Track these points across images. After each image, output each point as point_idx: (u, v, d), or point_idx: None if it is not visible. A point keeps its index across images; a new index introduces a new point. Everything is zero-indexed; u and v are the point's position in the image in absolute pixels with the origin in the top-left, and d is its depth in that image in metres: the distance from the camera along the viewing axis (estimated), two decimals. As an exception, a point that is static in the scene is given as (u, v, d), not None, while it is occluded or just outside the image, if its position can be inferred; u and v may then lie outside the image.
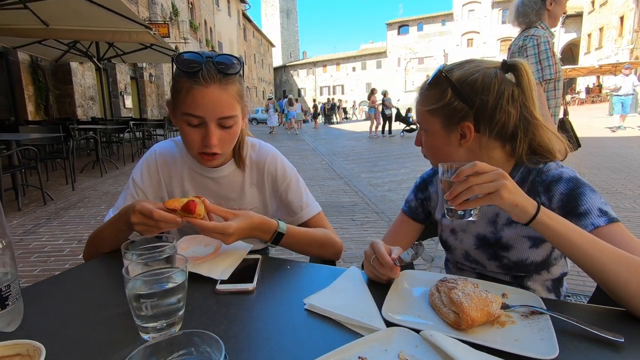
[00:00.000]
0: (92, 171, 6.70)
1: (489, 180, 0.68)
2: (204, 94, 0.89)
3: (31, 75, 9.67)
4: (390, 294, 0.70)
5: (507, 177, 0.68)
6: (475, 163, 0.69)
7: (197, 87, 0.89)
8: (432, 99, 0.89)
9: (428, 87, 0.91)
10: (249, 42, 42.36)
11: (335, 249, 1.07)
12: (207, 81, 0.89)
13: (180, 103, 0.92)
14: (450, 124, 0.87)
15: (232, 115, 0.93)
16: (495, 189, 0.67)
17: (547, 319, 0.60)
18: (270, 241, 0.93)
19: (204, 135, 0.92)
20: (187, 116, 0.91)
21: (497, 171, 0.69)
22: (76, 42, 7.95)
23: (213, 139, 0.92)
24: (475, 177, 0.68)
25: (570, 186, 0.80)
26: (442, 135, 0.89)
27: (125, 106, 13.90)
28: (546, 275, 0.92)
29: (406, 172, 6.50)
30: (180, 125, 0.94)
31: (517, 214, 0.70)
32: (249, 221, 0.87)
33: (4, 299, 0.58)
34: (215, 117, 0.91)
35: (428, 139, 0.93)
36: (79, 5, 5.21)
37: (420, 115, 0.92)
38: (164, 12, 16.92)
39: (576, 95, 27.58)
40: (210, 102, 0.90)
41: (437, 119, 0.88)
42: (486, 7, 39.60)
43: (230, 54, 0.97)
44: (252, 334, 0.60)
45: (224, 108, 0.91)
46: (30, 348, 0.43)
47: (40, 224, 3.79)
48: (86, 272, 0.87)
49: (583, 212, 0.77)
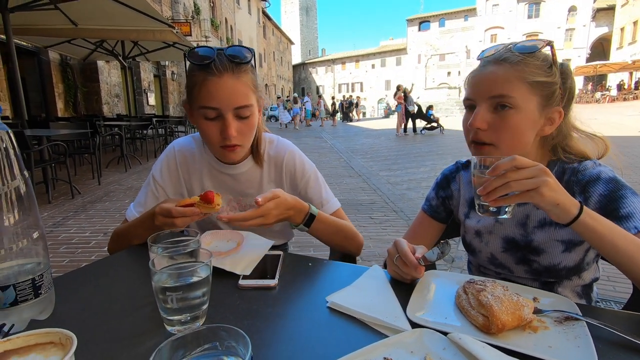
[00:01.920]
0: (117, 166, 6.92)
1: (528, 176, 0.63)
2: (218, 84, 0.90)
3: (61, 74, 10.07)
4: (415, 294, 0.68)
5: (549, 174, 0.63)
6: (515, 157, 0.63)
7: (210, 78, 0.90)
8: (538, 71, 0.77)
9: (531, 56, 0.78)
10: (268, 39, 42.62)
11: (358, 243, 1.07)
12: (220, 71, 0.89)
13: (195, 98, 0.93)
14: (546, 106, 0.79)
15: (248, 105, 0.93)
16: (535, 186, 0.62)
17: (584, 325, 0.57)
18: (302, 223, 0.93)
19: (222, 128, 0.93)
20: (204, 109, 0.92)
21: (538, 167, 0.63)
22: (103, 41, 8.22)
23: (231, 130, 0.92)
24: (513, 172, 0.63)
25: (610, 187, 0.76)
26: (534, 116, 0.78)
27: (148, 103, 14.28)
28: (577, 280, 0.88)
29: (426, 171, 6.40)
30: (198, 121, 0.95)
31: (558, 214, 0.65)
32: (284, 201, 0.87)
33: (37, 288, 0.60)
34: (231, 106, 0.91)
35: (513, 117, 0.77)
36: (106, 4, 5.38)
37: (513, 86, 0.76)
38: (186, 11, 17.23)
39: (606, 93, 26.41)
40: (225, 92, 0.90)
41: (535, 96, 0.78)
42: (511, 2, 38.35)
43: (241, 45, 0.97)
44: (276, 331, 0.60)
45: (239, 97, 0.92)
46: (63, 337, 0.44)
47: (68, 217, 3.94)
48: (113, 264, 0.89)
49: (625, 215, 0.72)
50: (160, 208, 0.83)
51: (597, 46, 34.89)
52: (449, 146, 9.88)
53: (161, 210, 0.83)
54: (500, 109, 0.78)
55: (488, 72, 0.79)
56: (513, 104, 0.77)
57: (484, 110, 0.79)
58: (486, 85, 0.79)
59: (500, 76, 0.77)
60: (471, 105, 0.83)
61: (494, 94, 0.77)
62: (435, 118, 13.53)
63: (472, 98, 0.82)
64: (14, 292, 0.58)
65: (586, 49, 34.65)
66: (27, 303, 0.59)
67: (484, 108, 0.79)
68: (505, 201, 0.66)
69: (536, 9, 37.72)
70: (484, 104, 0.79)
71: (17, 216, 0.59)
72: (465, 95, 0.85)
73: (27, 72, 9.20)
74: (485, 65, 0.81)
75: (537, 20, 37.65)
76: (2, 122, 0.58)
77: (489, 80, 0.79)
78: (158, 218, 0.83)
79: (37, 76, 9.55)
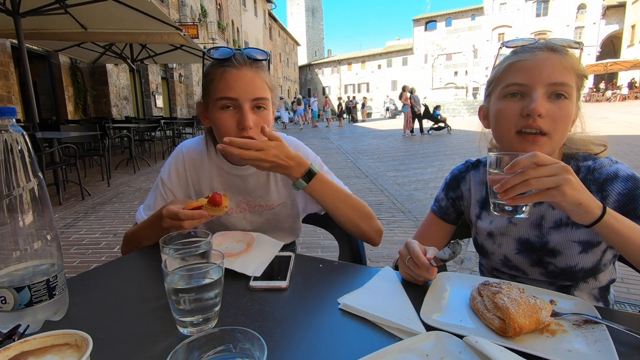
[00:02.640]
0: (126, 168, 6.99)
1: (549, 173, 0.60)
2: (238, 75, 0.92)
3: (71, 77, 10.22)
4: (428, 296, 0.67)
5: (571, 172, 0.61)
6: (535, 153, 0.61)
7: (230, 69, 0.92)
8: (581, 65, 0.77)
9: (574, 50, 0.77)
10: (274, 41, 42.77)
11: (376, 225, 1.03)
12: (240, 63, 0.93)
13: (213, 91, 0.94)
14: (578, 100, 0.78)
15: (265, 97, 0.95)
16: (556, 184, 0.60)
17: (604, 329, 0.55)
18: (300, 178, 0.91)
19: (239, 119, 0.93)
20: (222, 100, 0.93)
21: (559, 164, 0.61)
22: (112, 44, 8.34)
23: (248, 120, 0.92)
24: (533, 169, 0.60)
25: (629, 186, 0.74)
26: (576, 108, 0.78)
27: (156, 105, 14.41)
28: (594, 282, 0.85)
29: (434, 171, 6.35)
30: (215, 114, 0.95)
31: (580, 215, 0.63)
32: (286, 148, 0.89)
33: (51, 289, 0.61)
34: (249, 97, 0.93)
35: (569, 107, 0.75)
36: (115, 8, 5.44)
37: (570, 75, 0.74)
38: (193, 14, 17.37)
39: (617, 91, 25.99)
40: (244, 83, 0.92)
41: (576, 89, 0.77)
42: (519, 0, 37.99)
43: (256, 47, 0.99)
44: (287, 333, 0.60)
45: (256, 89, 0.93)
46: (79, 338, 0.44)
47: (79, 218, 3.99)
48: (124, 265, 0.90)
49: None
50: (167, 210, 0.83)
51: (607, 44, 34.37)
52: (456, 146, 9.81)
53: (168, 213, 0.82)
54: (556, 98, 0.75)
55: (545, 57, 0.75)
56: (568, 93, 0.74)
57: (542, 96, 0.74)
58: (545, 70, 0.74)
59: (559, 63, 0.74)
60: (518, 92, 0.77)
61: (555, 81, 0.74)
62: (443, 118, 13.43)
63: (526, 83, 0.76)
64: (29, 293, 0.58)
65: (596, 47, 34.11)
66: (42, 304, 0.60)
67: (542, 94, 0.74)
68: (523, 200, 0.63)
69: (544, 7, 37.27)
70: (542, 90, 0.74)
71: (31, 218, 0.59)
72: (510, 80, 0.77)
73: (38, 76, 9.36)
74: (533, 51, 0.76)
75: (545, 18, 37.19)
76: (16, 124, 0.59)
77: (547, 66, 0.74)
78: (165, 220, 0.83)
79: (48, 79, 9.71)
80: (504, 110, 0.79)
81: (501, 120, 0.79)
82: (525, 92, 0.76)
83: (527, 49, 0.78)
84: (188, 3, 16.72)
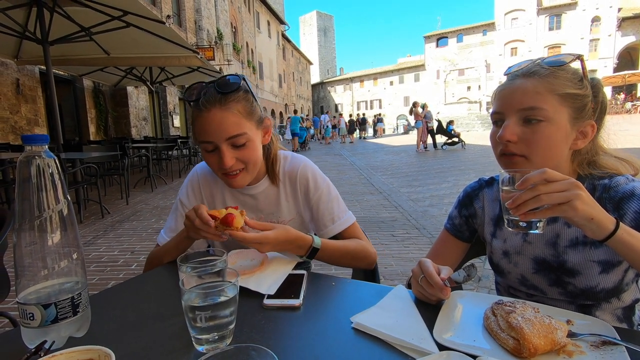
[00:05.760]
0: (144, 186, 7.17)
1: (560, 189, 0.61)
2: (207, 118, 0.94)
3: (93, 100, 10.68)
4: (441, 316, 0.66)
5: (582, 187, 0.61)
6: (545, 170, 0.62)
7: (200, 114, 0.95)
8: (568, 83, 0.77)
9: (561, 68, 0.78)
10: (287, 61, 43.78)
11: (368, 260, 1.08)
12: (207, 106, 0.94)
13: (194, 133, 0.99)
14: (578, 119, 0.78)
15: (241, 133, 0.96)
16: (567, 200, 0.60)
17: (623, 350, 0.54)
18: (305, 256, 0.95)
19: (218, 160, 0.97)
20: (202, 144, 0.98)
21: (570, 180, 0.61)
22: (133, 68, 8.71)
23: (226, 160, 0.95)
24: (543, 185, 0.61)
25: None
26: (565, 129, 0.78)
27: (173, 125, 14.85)
28: (616, 303, 0.83)
29: (448, 187, 6.28)
30: (202, 153, 1.01)
31: (593, 229, 0.63)
32: (285, 234, 0.90)
33: (75, 306, 0.63)
34: (223, 138, 0.95)
35: (545, 129, 0.76)
36: (136, 34, 5.72)
37: (543, 98, 0.76)
38: (209, 37, 18.03)
39: (637, 103, 25.36)
40: (214, 125, 0.94)
41: (566, 108, 0.77)
42: (531, 15, 38.00)
43: (233, 73, 1.01)
44: (301, 351, 0.60)
45: (229, 127, 0.95)
46: (102, 354, 0.46)
47: (98, 236, 4.09)
48: (144, 282, 0.92)
49: None
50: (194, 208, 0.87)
51: (624, 55, 33.83)
52: (471, 161, 9.70)
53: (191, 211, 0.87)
54: (531, 122, 0.77)
55: (517, 85, 0.79)
56: (544, 117, 0.76)
57: (513, 123, 0.78)
58: (515, 97, 0.78)
59: (530, 89, 0.77)
60: (499, 120, 0.82)
61: (524, 107, 0.77)
62: (457, 133, 13.34)
63: (501, 111, 0.81)
64: (55, 310, 0.61)
65: (613, 59, 33.61)
66: (66, 321, 0.62)
67: (513, 121, 0.78)
68: (535, 215, 0.63)
69: (557, 20, 37.16)
70: (513, 117, 0.78)
71: (59, 237, 0.62)
72: (493, 109, 0.84)
73: (63, 99, 9.82)
74: (514, 79, 0.81)
75: (558, 32, 37.02)
76: (49, 150, 0.63)
77: (518, 93, 0.78)
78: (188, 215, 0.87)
79: (72, 102, 10.17)
80: (490, 136, 0.86)
81: (491, 144, 0.87)
82: (502, 119, 0.82)
83: (510, 77, 0.83)
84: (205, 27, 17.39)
